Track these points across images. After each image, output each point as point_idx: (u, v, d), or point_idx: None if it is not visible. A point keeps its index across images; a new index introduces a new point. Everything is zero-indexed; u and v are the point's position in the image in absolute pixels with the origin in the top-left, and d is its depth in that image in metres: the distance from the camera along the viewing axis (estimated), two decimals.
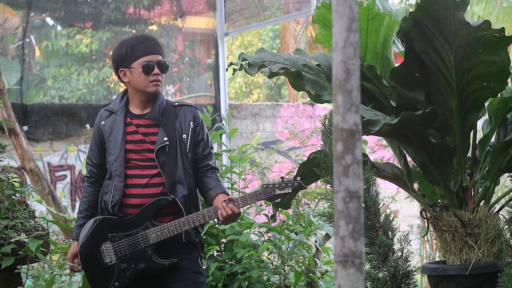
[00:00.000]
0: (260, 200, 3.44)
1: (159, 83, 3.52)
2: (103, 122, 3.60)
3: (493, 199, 3.99)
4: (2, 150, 3.96)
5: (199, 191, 3.63)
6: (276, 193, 3.39)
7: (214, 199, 3.48)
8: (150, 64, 3.50)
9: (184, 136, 3.54)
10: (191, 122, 3.56)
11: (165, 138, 3.50)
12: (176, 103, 3.63)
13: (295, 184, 3.40)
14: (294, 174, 4.05)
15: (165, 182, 3.48)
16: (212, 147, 3.66)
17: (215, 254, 5.05)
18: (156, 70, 3.51)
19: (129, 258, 3.49)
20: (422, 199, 4.04)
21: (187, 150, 3.54)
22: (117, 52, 3.58)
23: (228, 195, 3.49)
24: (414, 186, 4.19)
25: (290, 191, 3.40)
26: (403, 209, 9.75)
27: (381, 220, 3.70)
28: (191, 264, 3.53)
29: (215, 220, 4.97)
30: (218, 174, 3.62)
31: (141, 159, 3.54)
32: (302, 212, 5.42)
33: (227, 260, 5.00)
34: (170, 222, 3.44)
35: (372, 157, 5.27)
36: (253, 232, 5.26)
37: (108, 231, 3.52)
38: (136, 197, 3.51)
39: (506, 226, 3.84)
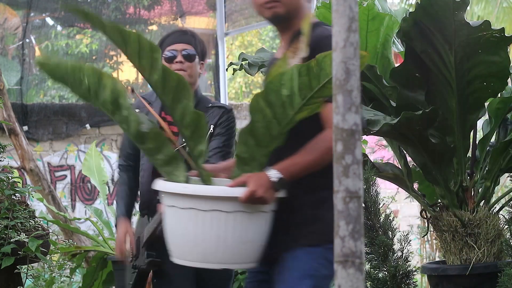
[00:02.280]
0: None
1: (182, 71, 3.41)
2: (137, 110, 3.56)
3: (493, 199, 3.99)
4: (2, 150, 3.96)
5: None
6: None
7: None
8: (172, 53, 3.45)
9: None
10: (212, 126, 3.47)
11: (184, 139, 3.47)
12: (210, 104, 3.53)
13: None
14: None
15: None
16: (229, 144, 3.50)
17: None
18: (179, 58, 3.43)
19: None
20: (422, 199, 4.04)
21: None
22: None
23: None
24: (414, 186, 4.19)
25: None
26: (403, 209, 9.75)
27: (381, 220, 3.70)
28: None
29: None
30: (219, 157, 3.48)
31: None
32: None
33: None
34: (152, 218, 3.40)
35: (372, 157, 5.27)
36: None
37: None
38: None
39: (506, 226, 3.84)
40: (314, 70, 2.24)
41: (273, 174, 2.42)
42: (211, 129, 3.46)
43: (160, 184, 2.51)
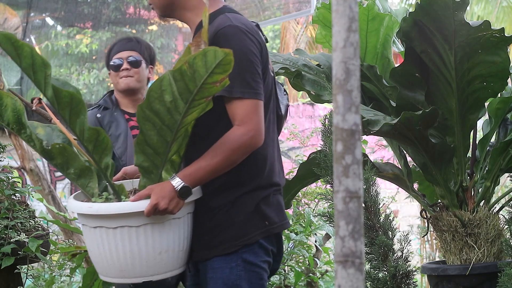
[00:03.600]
0: None
1: (129, 77, 3.51)
2: (99, 115, 3.57)
3: (493, 199, 3.99)
4: (2, 150, 3.96)
5: None
6: None
7: None
8: (119, 60, 3.52)
9: None
10: None
11: None
12: None
13: None
14: (294, 174, 4.05)
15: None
16: None
17: None
18: (125, 66, 3.52)
19: None
20: (422, 199, 4.04)
21: None
22: (105, 57, 3.66)
23: None
24: (414, 186, 4.19)
25: None
26: (403, 209, 9.75)
27: (381, 220, 3.70)
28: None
29: None
30: None
31: None
32: (302, 212, 5.41)
33: None
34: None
35: (372, 157, 5.27)
36: None
37: None
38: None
39: (506, 226, 3.84)
40: (188, 73, 2.18)
41: (176, 182, 2.36)
42: None
43: (69, 204, 2.51)
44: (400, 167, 4.17)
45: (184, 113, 2.28)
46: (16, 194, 3.84)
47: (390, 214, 3.75)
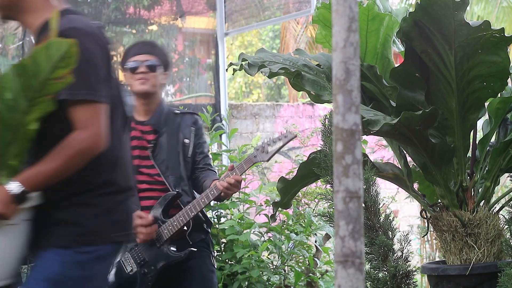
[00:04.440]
0: (256, 162, 3.43)
1: (145, 80, 3.53)
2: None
3: (493, 199, 3.99)
4: None
5: (196, 190, 3.64)
6: (269, 150, 3.38)
7: (210, 185, 3.50)
8: (135, 63, 3.55)
9: (187, 141, 3.58)
10: (192, 128, 3.60)
11: (163, 139, 3.55)
12: (178, 111, 3.66)
13: (285, 136, 3.40)
14: (294, 174, 4.05)
15: (168, 179, 3.51)
16: (208, 151, 3.70)
17: (215, 254, 5.05)
18: (142, 69, 3.53)
19: (148, 261, 3.50)
20: (422, 199, 4.04)
21: (189, 155, 3.58)
22: (121, 58, 3.69)
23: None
24: (414, 186, 4.19)
25: (281, 144, 3.38)
26: (403, 209, 9.75)
27: (381, 220, 3.70)
28: (205, 262, 3.56)
29: (215, 220, 4.97)
30: (214, 173, 3.65)
31: (145, 165, 3.57)
32: (302, 212, 5.42)
33: (227, 260, 5.00)
34: (177, 214, 3.47)
35: (372, 157, 5.27)
36: (253, 232, 5.26)
37: None
38: (145, 199, 3.55)
39: (506, 226, 3.84)
40: (30, 67, 2.11)
41: (14, 187, 2.29)
42: (193, 130, 3.59)
43: None
44: (400, 167, 4.17)
45: (25, 112, 2.20)
46: None
47: (390, 214, 3.75)
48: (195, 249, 3.49)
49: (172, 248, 3.47)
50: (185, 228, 3.48)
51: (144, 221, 3.47)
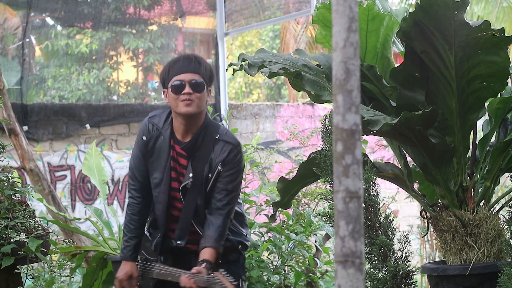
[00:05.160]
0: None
1: (190, 102, 3.31)
2: (144, 138, 3.43)
3: (493, 199, 3.99)
4: (2, 150, 3.96)
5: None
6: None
7: (200, 251, 3.36)
8: (180, 83, 3.32)
9: (210, 175, 3.39)
10: (219, 164, 3.38)
11: (191, 175, 3.38)
12: (218, 136, 3.42)
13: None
14: (294, 174, 4.05)
15: (179, 225, 3.44)
16: (235, 189, 3.42)
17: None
18: (187, 89, 3.31)
19: (144, 281, 3.51)
20: (422, 199, 4.04)
21: (207, 190, 3.40)
22: (161, 73, 3.46)
23: (216, 249, 3.32)
24: (414, 186, 4.19)
25: None
26: (403, 209, 9.75)
27: (381, 220, 3.70)
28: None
29: None
30: (225, 216, 3.38)
31: (177, 188, 3.45)
32: (302, 212, 5.42)
33: None
34: (167, 267, 3.41)
35: (372, 157, 5.27)
36: (253, 232, 5.26)
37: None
38: (174, 219, 3.49)
39: (506, 226, 3.84)
40: None
41: None
42: (219, 167, 3.38)
43: None
44: (400, 167, 4.17)
45: None
46: (16, 194, 3.84)
47: (390, 214, 3.75)
48: None
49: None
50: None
51: (127, 285, 3.46)
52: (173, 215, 3.47)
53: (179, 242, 3.43)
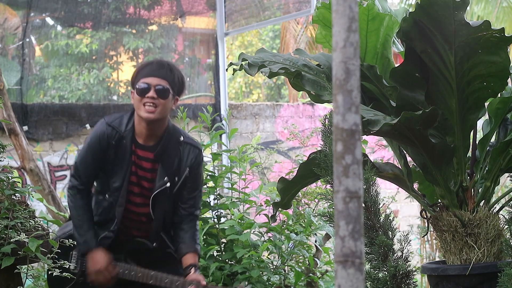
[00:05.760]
0: None
1: (153, 108, 3.29)
2: (106, 138, 3.40)
3: (493, 199, 3.99)
4: (2, 150, 3.96)
5: (173, 235, 3.51)
6: None
7: (182, 257, 3.40)
8: (146, 85, 3.30)
9: (176, 178, 3.41)
10: (188, 168, 3.41)
11: (166, 178, 3.39)
12: (182, 139, 3.43)
13: None
14: (294, 174, 4.05)
15: (152, 227, 3.44)
16: (200, 191, 3.51)
17: (215, 254, 5.05)
18: (152, 94, 3.29)
19: None
20: (422, 199, 4.04)
21: (174, 193, 3.42)
22: (133, 73, 3.45)
23: (197, 253, 3.39)
24: (414, 186, 4.19)
25: None
26: (403, 209, 9.75)
27: (381, 220, 3.70)
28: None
29: (215, 220, 4.97)
30: (195, 220, 3.47)
31: (140, 193, 3.45)
32: (302, 212, 5.41)
33: (227, 260, 5.00)
34: (141, 269, 3.40)
35: (372, 157, 5.27)
36: (253, 232, 5.26)
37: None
38: (131, 229, 3.50)
39: (506, 226, 3.84)
40: None
41: None
42: (187, 172, 3.41)
43: None
44: (400, 167, 4.17)
45: None
46: (16, 194, 3.83)
47: (390, 214, 3.75)
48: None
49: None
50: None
51: (108, 273, 3.43)
52: (131, 218, 3.48)
53: (154, 244, 3.45)
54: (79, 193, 3.49)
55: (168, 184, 3.39)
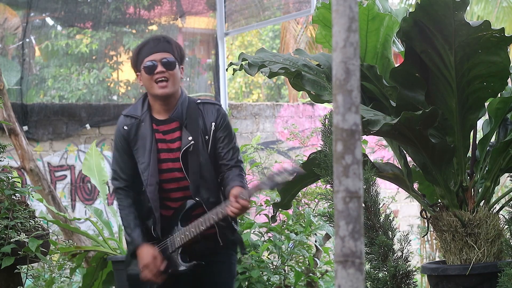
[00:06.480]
0: (264, 189, 3.33)
1: (165, 82, 3.34)
2: (125, 128, 3.45)
3: (493, 199, 3.99)
4: (2, 150, 3.96)
5: (223, 191, 3.52)
6: (278, 181, 3.27)
7: (228, 193, 3.38)
8: (152, 63, 3.35)
9: (207, 137, 3.42)
10: (213, 123, 3.43)
11: (190, 138, 3.39)
12: (199, 101, 3.48)
13: (295, 171, 3.25)
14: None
15: (189, 185, 3.41)
16: (235, 143, 3.50)
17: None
18: (160, 68, 3.34)
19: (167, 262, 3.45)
20: (422, 199, 4.04)
21: (209, 151, 3.43)
22: (132, 57, 3.49)
23: (243, 187, 3.37)
24: (414, 186, 4.19)
25: (290, 178, 3.22)
26: (403, 209, 9.75)
27: (381, 220, 3.70)
28: (230, 268, 3.49)
29: None
30: (240, 169, 3.47)
31: (169, 169, 3.44)
32: (302, 212, 5.42)
33: None
34: (190, 224, 3.39)
35: (372, 157, 5.27)
36: (253, 232, 5.26)
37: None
38: (171, 201, 3.47)
39: (506, 226, 3.84)
40: None
41: None
42: (213, 127, 3.42)
43: None
44: (400, 167, 4.17)
45: None
46: (16, 194, 3.84)
47: (390, 214, 3.75)
48: (203, 263, 3.40)
49: (180, 260, 3.41)
50: (216, 228, 3.41)
51: (154, 267, 3.39)
52: (164, 197, 3.46)
53: (197, 198, 3.41)
54: (122, 193, 3.50)
55: (192, 142, 3.38)
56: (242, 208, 3.25)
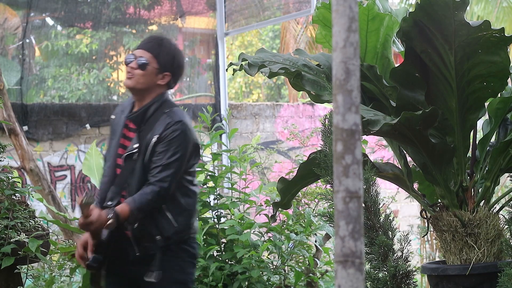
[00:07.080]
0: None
1: (131, 76, 3.37)
2: (113, 117, 3.55)
3: (493, 199, 3.99)
4: (2, 150, 3.96)
5: None
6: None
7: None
8: (131, 56, 3.41)
9: (148, 147, 3.35)
10: (156, 136, 3.32)
11: (136, 145, 3.36)
12: (167, 110, 3.38)
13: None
14: (294, 174, 4.05)
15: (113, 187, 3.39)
16: (171, 161, 3.32)
17: (215, 254, 5.05)
18: (132, 64, 3.38)
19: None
20: (422, 199, 4.04)
21: (144, 161, 3.34)
22: None
23: (129, 206, 3.23)
24: (414, 186, 4.19)
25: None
26: (403, 209, 9.75)
27: (381, 220, 3.70)
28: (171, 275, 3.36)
29: (215, 220, 4.97)
30: (157, 188, 3.30)
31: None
32: (302, 212, 5.41)
33: (227, 260, 5.00)
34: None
35: (372, 157, 5.27)
36: (253, 232, 5.26)
37: None
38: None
39: (506, 226, 3.84)
40: None
41: None
42: (155, 138, 3.32)
43: None
44: (400, 167, 4.17)
45: None
46: (16, 194, 3.84)
47: (390, 214, 3.75)
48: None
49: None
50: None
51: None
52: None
53: (109, 202, 3.35)
54: None
55: (136, 150, 3.35)
56: (89, 222, 3.16)
